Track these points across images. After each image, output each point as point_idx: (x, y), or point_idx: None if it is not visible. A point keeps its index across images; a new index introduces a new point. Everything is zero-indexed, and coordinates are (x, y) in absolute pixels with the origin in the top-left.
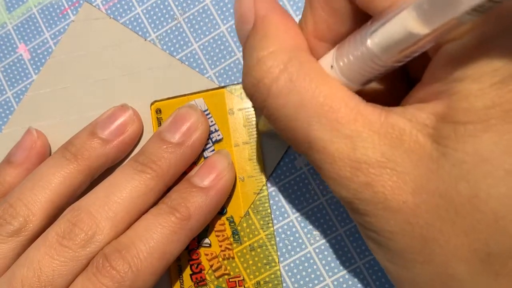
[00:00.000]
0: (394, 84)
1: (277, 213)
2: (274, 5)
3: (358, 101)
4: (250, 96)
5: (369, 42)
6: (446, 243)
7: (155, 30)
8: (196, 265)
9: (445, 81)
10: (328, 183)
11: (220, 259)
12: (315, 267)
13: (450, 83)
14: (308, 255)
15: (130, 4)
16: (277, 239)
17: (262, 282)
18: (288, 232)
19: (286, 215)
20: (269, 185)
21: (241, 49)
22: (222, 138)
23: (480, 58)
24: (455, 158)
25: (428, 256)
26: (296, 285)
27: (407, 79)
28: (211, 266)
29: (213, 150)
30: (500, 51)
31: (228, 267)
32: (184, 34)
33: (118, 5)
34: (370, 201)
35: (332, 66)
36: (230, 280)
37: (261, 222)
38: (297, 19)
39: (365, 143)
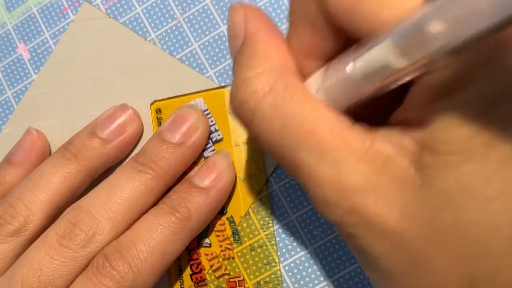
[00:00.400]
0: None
1: (277, 213)
2: (264, 22)
3: (344, 125)
4: (236, 116)
5: (351, 68)
6: (433, 267)
7: (155, 29)
8: (196, 265)
9: (426, 109)
10: (315, 206)
11: (220, 259)
12: (315, 267)
13: (430, 112)
14: (308, 255)
15: (130, 3)
16: (277, 239)
17: (262, 282)
18: (288, 232)
19: (286, 215)
20: (269, 185)
21: None
22: (222, 138)
23: (460, 90)
24: (437, 188)
25: (415, 279)
26: (296, 285)
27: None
28: (211, 266)
29: (213, 150)
30: (481, 84)
31: (228, 267)
32: (184, 34)
33: (118, 5)
34: (357, 225)
35: (318, 89)
36: (230, 280)
37: (261, 222)
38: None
39: (349, 168)
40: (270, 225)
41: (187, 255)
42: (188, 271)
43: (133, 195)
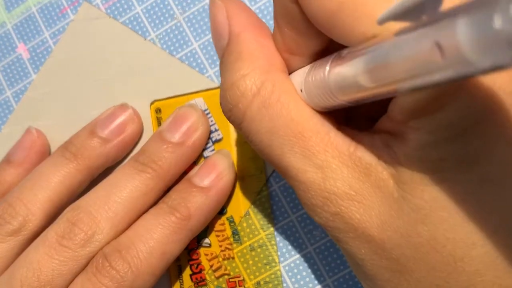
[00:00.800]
0: None
1: (277, 213)
2: (249, 19)
3: (329, 128)
4: (227, 118)
5: (327, 76)
6: (411, 277)
7: (154, 29)
8: (196, 265)
9: (404, 125)
10: (304, 207)
11: (220, 259)
12: (315, 267)
13: (408, 128)
14: (309, 255)
15: (130, 3)
16: (277, 239)
17: (262, 282)
18: (288, 232)
19: (286, 215)
20: (269, 185)
21: None
22: (222, 137)
23: (434, 112)
24: (413, 203)
25: (395, 285)
26: (296, 285)
27: None
28: (211, 266)
29: (213, 150)
30: (454, 108)
31: (228, 267)
32: (184, 34)
33: (118, 4)
34: (342, 229)
35: (301, 90)
36: (230, 280)
37: (261, 222)
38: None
39: (334, 174)
40: (270, 225)
41: (186, 255)
42: (188, 271)
43: (133, 194)
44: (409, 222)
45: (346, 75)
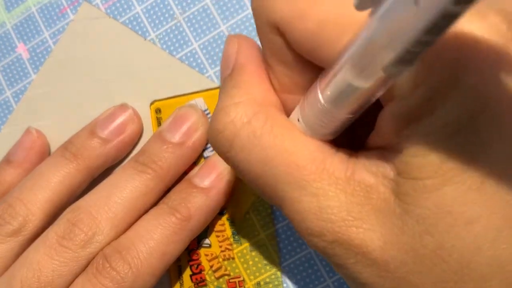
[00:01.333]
0: None
1: (277, 213)
2: (255, 53)
3: (325, 155)
4: (212, 144)
5: (320, 97)
6: None
7: (154, 29)
8: (196, 266)
9: (397, 135)
10: (300, 237)
11: (220, 259)
12: (315, 267)
13: (401, 138)
14: (309, 255)
15: (130, 3)
16: (278, 239)
17: (262, 283)
18: (289, 233)
19: None
20: None
21: None
22: None
23: (427, 116)
24: (417, 214)
25: None
26: (296, 286)
27: None
28: (211, 266)
29: (213, 150)
30: (446, 109)
31: (228, 268)
32: (184, 34)
33: (118, 4)
34: (341, 256)
35: (298, 119)
36: (230, 280)
37: (261, 222)
38: None
39: (330, 202)
40: (270, 225)
41: (187, 255)
42: (188, 272)
43: (133, 195)
44: (413, 236)
45: (337, 84)
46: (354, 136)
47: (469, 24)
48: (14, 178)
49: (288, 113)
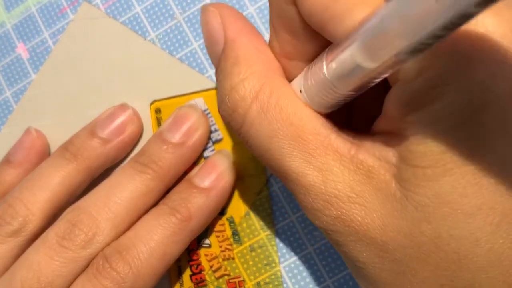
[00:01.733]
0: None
1: (277, 213)
2: (243, 25)
3: (329, 131)
4: (227, 123)
5: (325, 70)
6: (414, 278)
7: (154, 29)
8: (196, 266)
9: (401, 121)
10: (304, 211)
11: (220, 259)
12: (315, 267)
13: (406, 124)
14: (309, 255)
15: (130, 3)
16: (278, 239)
17: (262, 283)
18: (289, 233)
19: (286, 215)
20: (269, 185)
21: None
22: (222, 138)
23: (432, 103)
24: (416, 201)
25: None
26: (296, 286)
27: None
28: (211, 266)
29: (213, 150)
30: (451, 98)
31: (228, 268)
32: (184, 33)
33: (118, 4)
34: (343, 233)
35: (301, 91)
36: (230, 280)
37: (261, 222)
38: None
39: (335, 177)
40: (270, 225)
41: (187, 255)
42: (188, 272)
43: (133, 195)
44: (412, 222)
45: (344, 61)
46: (361, 118)
47: (482, 18)
48: (14, 178)
49: (287, 76)
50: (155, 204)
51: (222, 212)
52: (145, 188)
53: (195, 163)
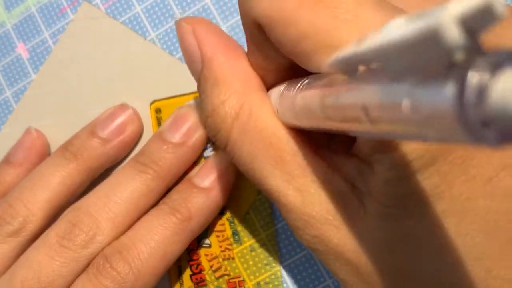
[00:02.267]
0: None
1: (277, 213)
2: (219, 40)
3: (307, 152)
4: (213, 139)
5: (293, 100)
6: None
7: (154, 29)
8: (196, 266)
9: (370, 157)
10: (288, 225)
11: (220, 259)
12: (315, 267)
13: (373, 161)
14: (309, 255)
15: (130, 3)
16: (278, 239)
17: (262, 283)
18: (289, 232)
19: None
20: None
21: None
22: None
23: (395, 149)
24: (383, 234)
25: None
26: (296, 286)
27: None
28: (211, 266)
29: (213, 150)
30: (413, 145)
31: (228, 268)
32: None
33: (118, 4)
34: (322, 251)
35: (277, 110)
36: (230, 280)
37: (262, 222)
38: None
39: (313, 198)
40: (271, 225)
41: (187, 255)
42: (188, 272)
43: (133, 195)
44: (378, 250)
45: (307, 103)
46: (341, 138)
47: None
48: (14, 178)
49: (268, 84)
50: (155, 204)
51: (222, 212)
52: (145, 188)
53: (195, 163)
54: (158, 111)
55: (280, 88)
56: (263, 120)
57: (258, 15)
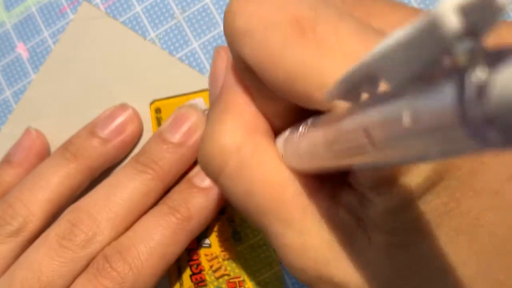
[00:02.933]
0: None
1: None
2: (244, 75)
3: (311, 191)
4: (202, 167)
5: (297, 144)
6: None
7: (154, 29)
8: (196, 266)
9: (371, 188)
10: (283, 264)
11: (220, 259)
12: None
13: (373, 193)
14: None
15: (130, 3)
16: None
17: (262, 283)
18: None
19: None
20: None
21: None
22: None
23: (389, 187)
24: (386, 268)
25: None
26: (296, 286)
27: None
28: (211, 266)
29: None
30: (414, 172)
31: (228, 268)
32: (184, 33)
33: (118, 4)
34: None
35: (282, 152)
36: (230, 280)
37: None
38: None
39: (314, 240)
40: None
41: (186, 255)
42: (187, 272)
43: (133, 195)
44: (387, 282)
45: (310, 142)
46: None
47: None
48: (14, 178)
49: (274, 130)
50: (155, 204)
51: (222, 212)
52: (145, 188)
53: (195, 163)
54: (158, 111)
55: (285, 133)
56: (266, 161)
57: (246, 59)
